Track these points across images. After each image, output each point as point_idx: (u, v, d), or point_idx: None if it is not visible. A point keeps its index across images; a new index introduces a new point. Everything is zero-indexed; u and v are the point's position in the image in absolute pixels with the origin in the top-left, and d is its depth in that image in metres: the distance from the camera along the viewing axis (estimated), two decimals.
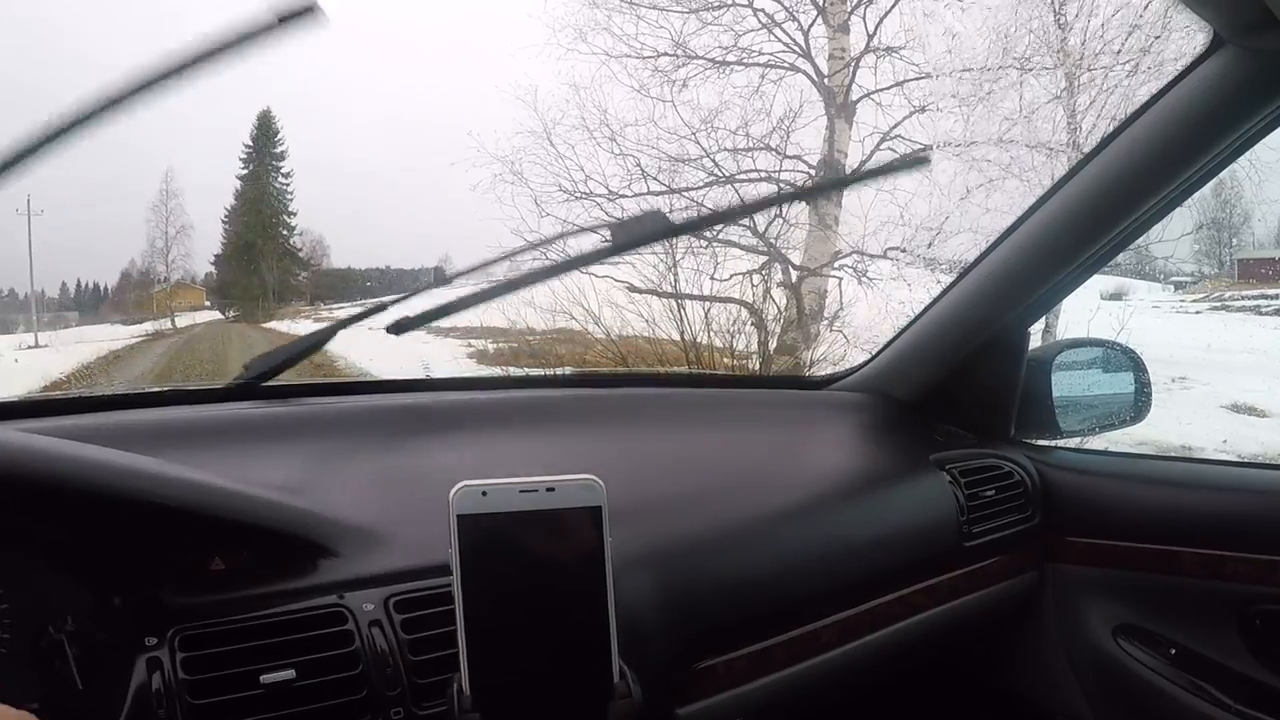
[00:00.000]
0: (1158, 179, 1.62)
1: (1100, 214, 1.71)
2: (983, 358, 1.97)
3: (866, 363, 2.16)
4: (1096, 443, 2.26)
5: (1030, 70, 8.45)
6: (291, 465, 1.34)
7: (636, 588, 1.24)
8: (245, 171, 28.15)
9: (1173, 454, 6.10)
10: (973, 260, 1.95)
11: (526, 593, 0.86)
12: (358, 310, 1.59)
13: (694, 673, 1.31)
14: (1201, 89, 1.50)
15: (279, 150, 28.09)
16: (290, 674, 0.98)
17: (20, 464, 0.97)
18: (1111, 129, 1.67)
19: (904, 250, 8.59)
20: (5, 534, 1.00)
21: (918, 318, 2.05)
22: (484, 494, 0.84)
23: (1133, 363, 2.02)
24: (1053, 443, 2.02)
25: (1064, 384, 1.99)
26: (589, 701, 0.86)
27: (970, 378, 2.00)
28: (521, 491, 0.85)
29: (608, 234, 1.43)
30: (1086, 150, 1.75)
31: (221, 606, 1.03)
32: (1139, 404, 2.00)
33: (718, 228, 8.87)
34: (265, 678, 0.97)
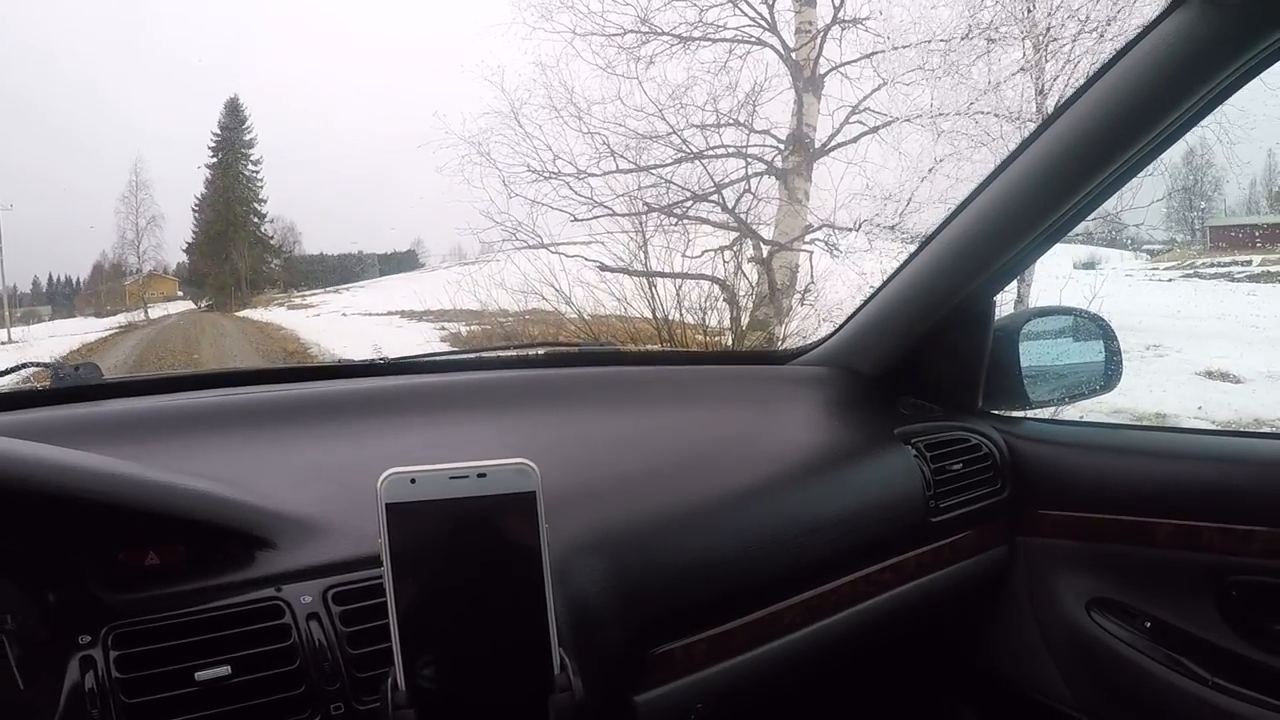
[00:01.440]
0: (1121, 142, 1.58)
1: (1063, 179, 1.68)
2: (947, 328, 1.95)
3: (830, 336, 2.13)
4: (1070, 413, 2.24)
5: (997, 40, 8.45)
6: (226, 456, 1.32)
7: (587, 573, 1.22)
8: (215, 160, 28.07)
9: (1147, 423, 6.13)
10: (934, 229, 1.92)
11: (461, 583, 0.84)
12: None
13: (651, 658, 1.29)
14: (1164, 46, 1.46)
15: (248, 138, 28.02)
16: (226, 670, 0.97)
17: None
18: (1071, 93, 1.64)
19: (874, 223, 8.61)
20: None
21: (880, 289, 2.03)
22: (413, 481, 0.82)
23: (1102, 331, 1.99)
24: (1022, 414, 1.99)
25: (1032, 353, 1.97)
26: (529, 694, 0.85)
27: (935, 349, 1.98)
28: (452, 478, 0.83)
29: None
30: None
31: (156, 602, 1.02)
32: (1109, 373, 1.97)
33: (687, 204, 8.90)
34: (200, 674, 0.96)
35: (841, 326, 2.11)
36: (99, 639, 0.96)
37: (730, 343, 8.04)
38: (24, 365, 1.67)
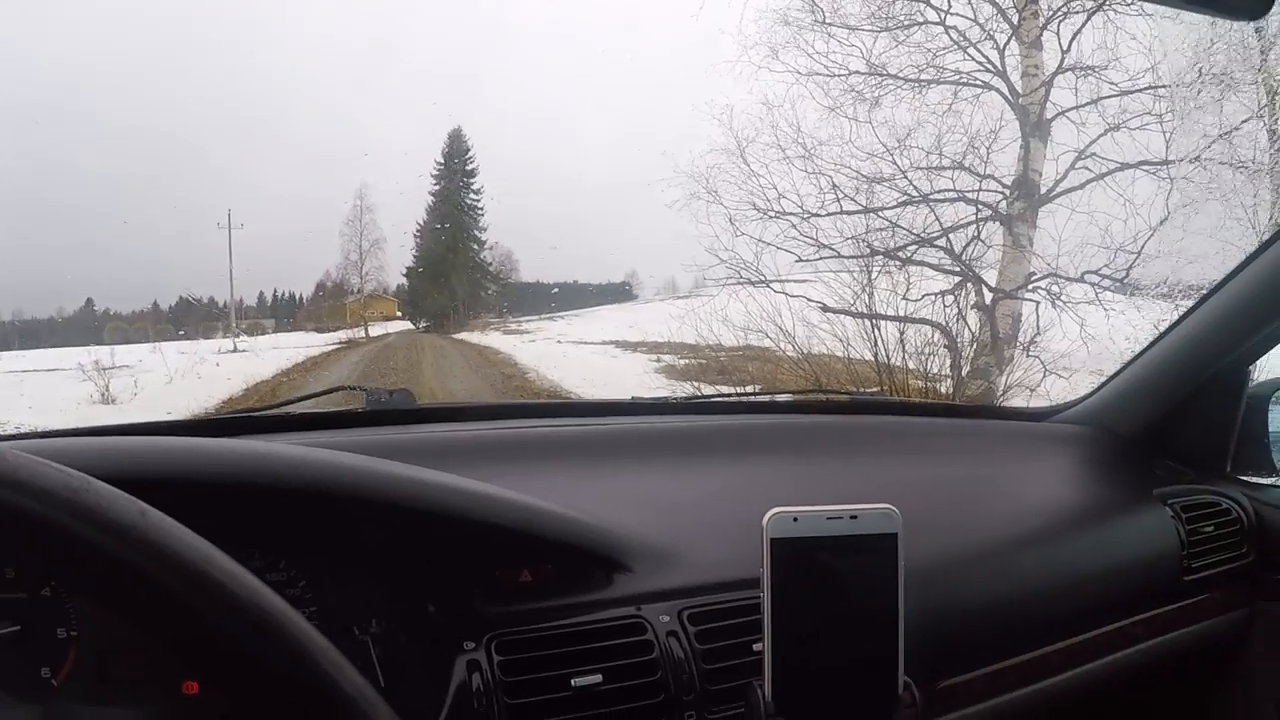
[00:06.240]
0: None
1: None
2: (1202, 393, 2.00)
3: (1087, 396, 2.20)
4: None
5: (1229, 86, 8.08)
6: (549, 484, 1.39)
7: None
8: (437, 187, 28.86)
9: None
10: (1201, 297, 1.97)
11: (826, 609, 0.95)
12: None
13: (935, 692, 1.36)
14: None
15: (470, 167, 28.77)
16: (598, 678, 1.10)
17: (334, 480, 1.09)
18: None
19: (1101, 274, 8.32)
20: (315, 543, 1.12)
21: (1142, 353, 2.08)
22: (795, 520, 0.94)
23: None
24: (1269, 481, 2.01)
25: None
26: (876, 709, 0.96)
27: (1188, 413, 2.03)
28: (829, 519, 0.94)
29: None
30: None
31: (529, 615, 1.15)
32: None
33: (911, 248, 8.82)
34: (576, 681, 1.09)
35: (1101, 387, 2.17)
36: (482, 645, 1.09)
37: (951, 389, 7.95)
38: (339, 388, 1.79)
